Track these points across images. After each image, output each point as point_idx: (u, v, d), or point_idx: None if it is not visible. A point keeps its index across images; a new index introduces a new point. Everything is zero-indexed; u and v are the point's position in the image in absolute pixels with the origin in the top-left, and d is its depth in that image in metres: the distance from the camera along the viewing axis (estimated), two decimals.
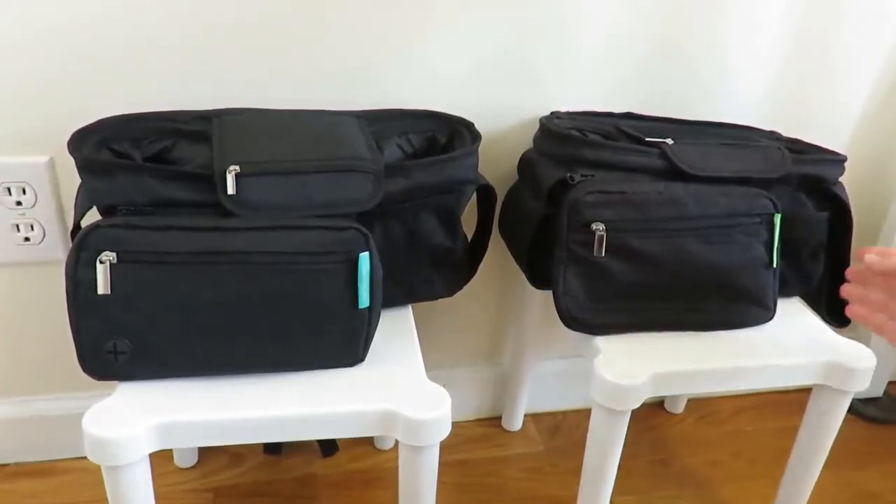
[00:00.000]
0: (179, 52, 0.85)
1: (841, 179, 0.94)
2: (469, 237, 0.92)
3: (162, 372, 0.72)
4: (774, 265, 0.85)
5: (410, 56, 0.91)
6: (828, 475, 0.95)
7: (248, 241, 0.69)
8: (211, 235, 0.69)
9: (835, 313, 0.92)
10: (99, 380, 0.71)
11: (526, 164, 0.94)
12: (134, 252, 0.67)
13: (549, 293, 0.84)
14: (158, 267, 0.68)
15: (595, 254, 0.81)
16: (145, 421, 0.67)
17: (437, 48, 0.91)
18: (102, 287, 0.67)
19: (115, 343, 0.69)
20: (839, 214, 0.92)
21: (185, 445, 1.00)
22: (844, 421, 0.89)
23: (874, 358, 0.84)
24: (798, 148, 0.93)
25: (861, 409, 1.29)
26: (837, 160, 0.92)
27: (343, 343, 0.74)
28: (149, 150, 0.80)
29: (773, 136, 0.95)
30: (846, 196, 0.92)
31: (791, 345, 0.86)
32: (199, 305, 0.69)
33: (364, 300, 0.72)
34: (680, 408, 1.28)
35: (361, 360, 0.76)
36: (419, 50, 0.91)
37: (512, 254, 0.97)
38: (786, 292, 0.92)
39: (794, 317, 0.92)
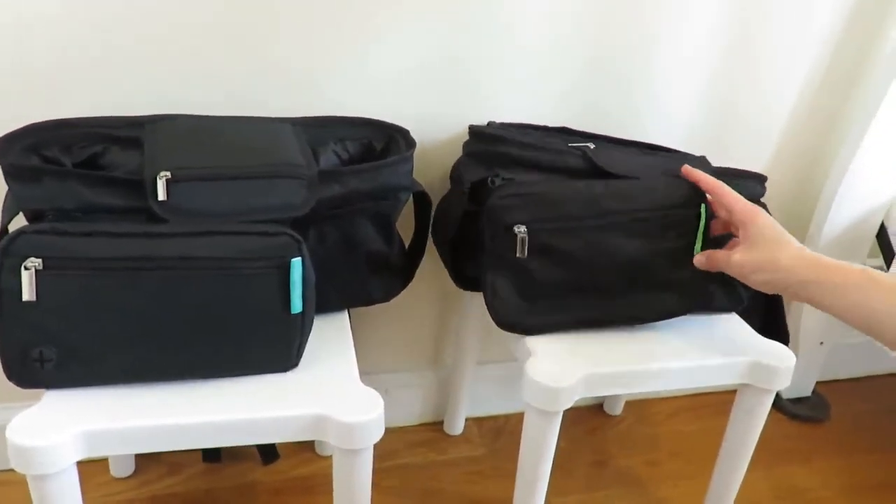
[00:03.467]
0: (111, 56, 0.84)
1: (765, 199, 0.97)
2: (407, 243, 0.93)
3: (89, 379, 0.71)
4: (698, 252, 0.86)
5: (348, 64, 0.91)
6: (759, 472, 0.98)
7: (177, 247, 0.69)
8: (140, 241, 0.68)
9: (769, 331, 0.94)
10: (24, 388, 0.70)
11: (455, 169, 0.96)
12: (60, 258, 0.66)
13: None
14: (85, 273, 0.67)
15: (518, 255, 0.82)
16: (71, 428, 0.66)
17: (375, 57, 0.92)
18: (27, 294, 0.66)
19: (41, 350, 0.68)
20: None
21: (113, 453, 0.98)
22: (775, 420, 0.93)
23: (794, 357, 0.88)
24: (722, 169, 0.95)
25: (791, 409, 1.33)
26: (758, 179, 0.95)
27: (276, 348, 0.74)
28: (79, 156, 0.79)
29: (702, 161, 0.97)
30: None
31: (716, 346, 0.89)
32: (127, 312, 0.69)
33: (297, 305, 0.73)
34: (618, 409, 1.31)
35: (294, 365, 0.76)
36: (357, 58, 0.91)
37: (439, 256, 0.98)
38: (715, 308, 0.94)
39: (721, 320, 0.94)
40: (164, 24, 0.84)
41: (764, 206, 0.95)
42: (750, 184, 0.95)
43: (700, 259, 0.84)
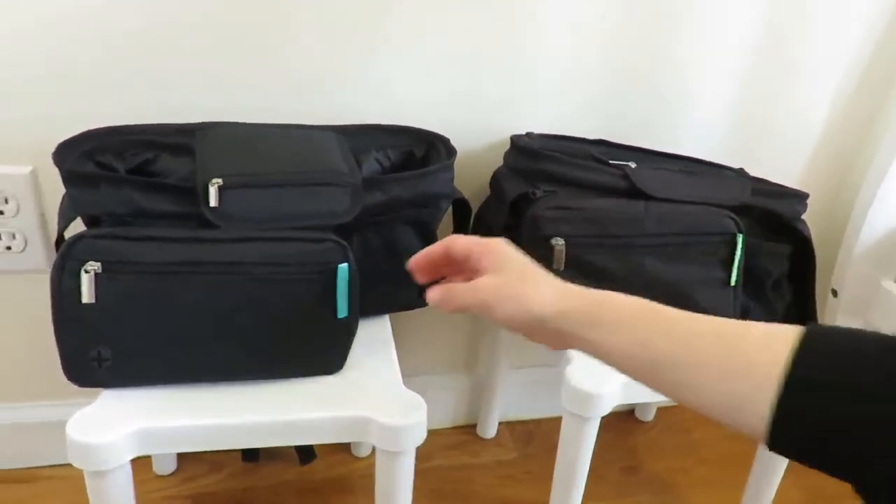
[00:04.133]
0: (160, 66, 0.87)
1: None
2: None
3: (143, 379, 0.74)
4: (733, 284, 0.88)
5: (387, 74, 0.93)
6: (791, 480, 0.98)
7: (227, 252, 0.71)
8: (192, 246, 0.71)
9: None
10: (82, 387, 0.72)
11: (495, 179, 0.97)
12: (117, 262, 0.69)
13: None
14: (141, 277, 0.70)
15: (554, 267, 0.84)
16: (128, 427, 0.69)
17: (416, 68, 0.94)
18: (87, 296, 0.69)
19: (99, 351, 0.71)
20: (801, 248, 0.94)
21: (166, 451, 1.01)
22: None
23: None
24: (761, 185, 0.96)
25: None
26: (799, 196, 0.95)
27: (321, 352, 0.77)
28: (132, 162, 0.81)
29: (740, 173, 0.98)
30: (808, 232, 0.94)
31: None
32: (180, 314, 0.71)
33: (342, 310, 0.75)
34: (650, 415, 1.32)
35: (339, 368, 0.78)
36: (396, 68, 0.93)
37: None
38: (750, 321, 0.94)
39: None
40: (211, 36, 0.87)
41: (804, 222, 0.94)
42: (789, 202, 0.95)
43: (433, 295, 0.63)
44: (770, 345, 0.48)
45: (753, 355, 0.49)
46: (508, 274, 0.61)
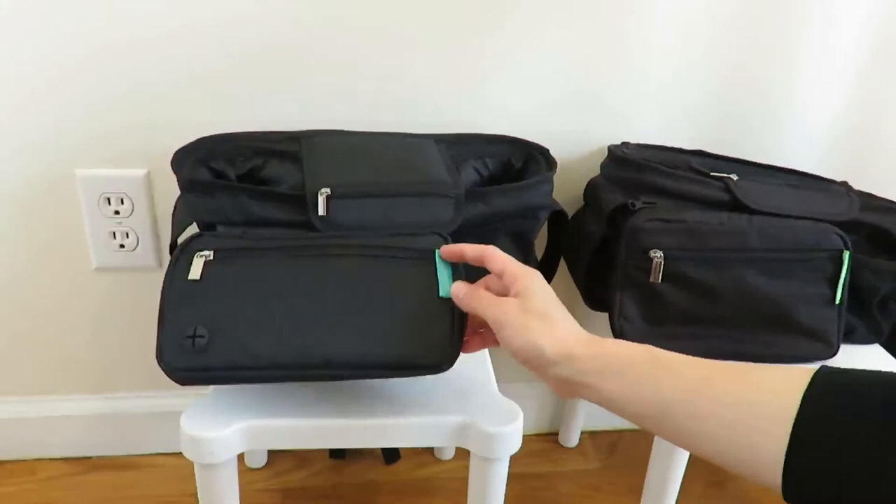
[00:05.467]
0: (271, 77, 0.91)
1: None
2: (539, 256, 0.95)
3: (235, 368, 0.68)
4: (838, 301, 0.85)
5: (488, 84, 0.95)
6: None
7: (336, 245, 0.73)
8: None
9: None
10: (172, 371, 0.67)
11: (592, 189, 0.97)
12: (230, 251, 0.71)
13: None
14: (249, 259, 0.70)
15: (651, 279, 0.83)
16: (237, 422, 0.72)
17: (513, 77, 0.95)
18: (194, 273, 0.69)
19: (195, 328, 0.67)
20: None
21: (272, 447, 1.05)
22: None
23: None
24: (869, 200, 0.93)
25: None
26: None
27: (429, 337, 0.69)
28: (242, 168, 0.85)
29: (844, 186, 0.95)
30: None
31: None
32: (283, 295, 0.69)
33: (445, 289, 0.69)
34: None
35: (451, 361, 0.69)
36: (497, 78, 0.95)
37: (571, 274, 0.99)
38: (854, 340, 0.91)
39: (861, 350, 0.91)
40: (319, 46, 0.90)
41: None
42: None
43: (459, 289, 0.67)
44: (779, 393, 0.47)
45: (762, 405, 0.47)
46: (532, 307, 0.61)
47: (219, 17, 0.87)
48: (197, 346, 0.67)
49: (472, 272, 0.71)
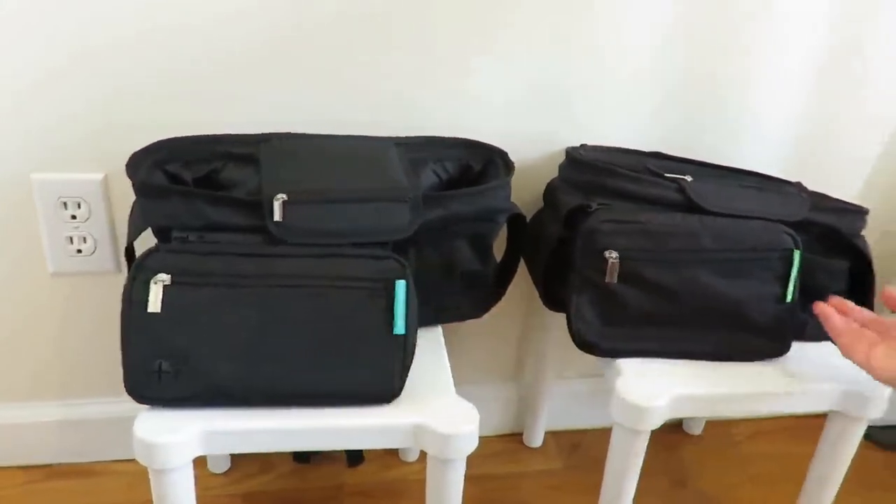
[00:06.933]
0: (226, 76, 0.90)
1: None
2: (498, 259, 0.96)
3: (199, 398, 0.73)
4: (789, 300, 0.87)
5: (444, 84, 0.95)
6: (844, 501, 0.97)
7: (290, 266, 0.74)
8: (257, 260, 0.73)
9: None
10: (141, 403, 0.73)
11: (550, 191, 0.98)
12: (186, 274, 0.72)
13: None
14: (207, 288, 0.72)
15: (607, 280, 0.84)
16: (191, 427, 0.72)
17: (470, 77, 0.95)
18: (154, 305, 0.71)
19: (160, 362, 0.72)
20: (860, 265, 0.93)
21: (227, 451, 1.04)
22: (863, 448, 0.91)
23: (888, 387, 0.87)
24: (820, 200, 0.95)
25: (880, 437, 1.30)
26: (858, 212, 0.94)
27: (378, 370, 0.75)
28: (199, 172, 0.84)
29: (798, 187, 0.96)
30: (867, 249, 0.93)
31: (808, 371, 0.88)
32: (240, 328, 0.73)
33: (400, 327, 0.75)
34: (699, 429, 1.31)
35: (397, 392, 0.76)
36: (453, 79, 0.95)
37: (530, 275, 1.00)
38: (806, 337, 0.92)
39: (814, 346, 0.93)
40: (275, 47, 0.89)
41: (863, 238, 0.94)
42: (850, 217, 0.94)
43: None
44: None
45: None
46: None
47: (177, 22, 0.86)
48: (164, 380, 0.72)
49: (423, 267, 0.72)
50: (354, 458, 1.12)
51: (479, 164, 0.92)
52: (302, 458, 1.14)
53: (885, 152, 1.13)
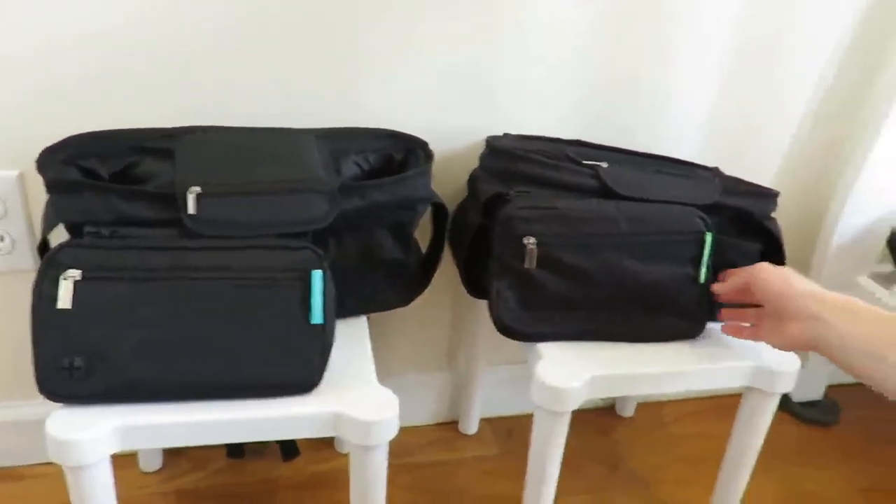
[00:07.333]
0: (142, 70, 0.89)
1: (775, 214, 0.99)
2: (424, 249, 0.97)
3: (113, 394, 0.73)
4: (702, 280, 0.90)
5: (367, 75, 0.96)
6: (767, 475, 1.01)
7: (206, 258, 0.74)
8: (171, 254, 0.73)
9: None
10: (53, 401, 0.72)
11: (472, 180, 0.99)
12: (97, 269, 0.71)
13: None
14: (119, 283, 0.72)
15: (526, 266, 0.86)
16: (106, 423, 0.71)
17: (393, 68, 0.96)
18: (63, 302, 0.70)
19: (71, 360, 0.71)
20: (771, 247, 0.97)
21: (145, 447, 1.03)
22: (785, 423, 0.95)
23: (798, 362, 0.90)
24: (734, 184, 0.97)
25: (801, 412, 1.35)
26: (769, 195, 0.97)
27: (297, 360, 0.76)
28: (115, 167, 0.83)
29: (714, 172, 0.99)
30: (778, 230, 0.97)
31: (722, 350, 0.91)
32: (153, 322, 0.72)
33: (317, 317, 0.75)
34: (630, 411, 1.34)
35: (316, 382, 0.77)
36: (376, 69, 0.95)
37: (454, 262, 1.02)
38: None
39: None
40: (191, 40, 0.89)
41: (774, 220, 0.97)
42: (760, 200, 0.97)
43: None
44: None
45: None
46: (772, 302, 0.80)
47: (92, 18, 0.85)
48: (75, 377, 0.71)
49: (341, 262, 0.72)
50: (289, 451, 1.12)
51: (401, 154, 0.92)
52: (235, 453, 1.14)
53: (797, 136, 1.17)
